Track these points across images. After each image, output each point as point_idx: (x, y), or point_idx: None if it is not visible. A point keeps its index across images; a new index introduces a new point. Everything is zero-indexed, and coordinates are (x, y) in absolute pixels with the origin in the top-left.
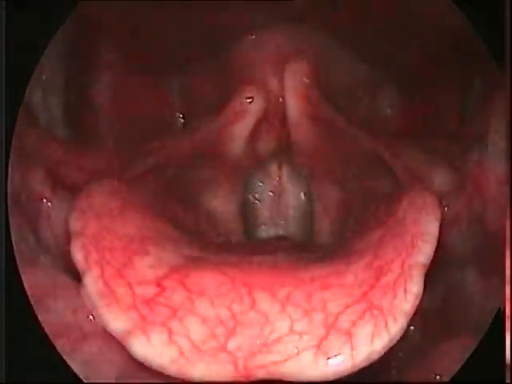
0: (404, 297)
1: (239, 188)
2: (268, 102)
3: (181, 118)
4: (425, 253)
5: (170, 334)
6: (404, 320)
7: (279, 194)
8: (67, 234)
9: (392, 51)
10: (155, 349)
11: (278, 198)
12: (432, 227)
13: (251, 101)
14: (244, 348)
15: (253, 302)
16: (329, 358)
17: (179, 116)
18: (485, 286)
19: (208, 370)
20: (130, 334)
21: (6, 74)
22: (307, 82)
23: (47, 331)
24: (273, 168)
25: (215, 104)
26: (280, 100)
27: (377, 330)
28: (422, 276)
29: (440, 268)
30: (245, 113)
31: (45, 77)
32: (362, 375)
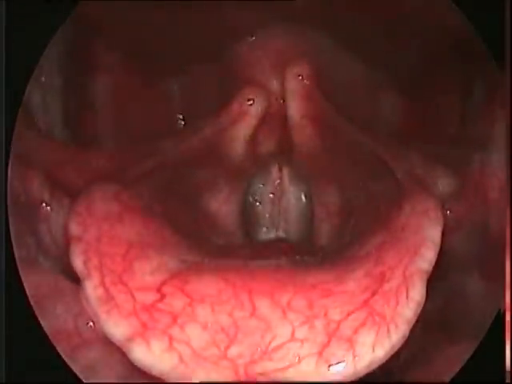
0: (406, 303)
1: (240, 190)
2: (268, 104)
3: (181, 120)
4: (427, 259)
5: (171, 341)
6: (406, 327)
7: (280, 196)
8: (66, 239)
9: (392, 52)
10: (155, 356)
11: (279, 200)
12: (434, 233)
13: (252, 103)
14: (245, 355)
15: (254, 309)
16: (330, 366)
17: (179, 118)
18: (487, 291)
19: (208, 377)
20: (130, 341)
21: (6, 74)
22: (308, 84)
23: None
24: (273, 170)
25: (215, 105)
26: (281, 102)
27: (378, 338)
28: (424, 282)
29: (442, 273)
30: (245, 115)
31: (43, 78)
32: (363, 380)
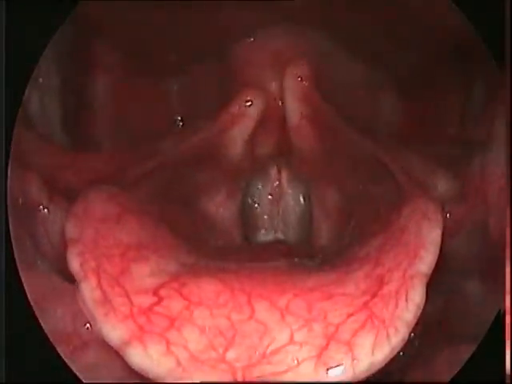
0: (405, 307)
1: (238, 191)
2: (267, 105)
3: (179, 121)
4: (427, 262)
5: (168, 344)
6: (405, 330)
7: (278, 198)
8: (64, 241)
9: (392, 52)
10: (152, 359)
11: (278, 202)
12: (434, 236)
13: (250, 104)
14: (243, 358)
15: (252, 312)
16: (329, 369)
17: (178, 119)
18: (487, 293)
19: (206, 381)
20: (127, 344)
21: (6, 74)
22: (307, 85)
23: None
24: (272, 171)
25: (214, 106)
26: (279, 103)
27: (378, 341)
28: (424, 285)
29: (441, 276)
30: (244, 116)
31: (42, 79)
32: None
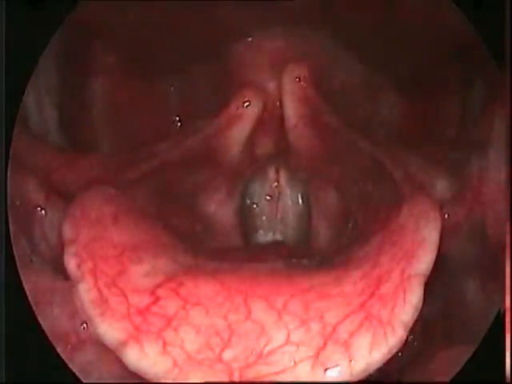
0: (403, 307)
1: (236, 192)
2: (265, 106)
3: (177, 122)
4: (425, 262)
5: (165, 345)
6: (403, 331)
7: (277, 199)
8: (60, 241)
9: (392, 53)
10: (149, 359)
11: (276, 202)
12: (433, 236)
13: (248, 104)
14: (239, 359)
15: (249, 312)
16: (326, 370)
17: (176, 119)
18: (486, 294)
19: (203, 381)
20: (124, 345)
21: (6, 74)
22: (305, 86)
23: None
24: (270, 172)
25: (212, 107)
26: (278, 104)
27: (375, 341)
28: (422, 286)
29: (440, 276)
30: (242, 117)
31: (39, 81)
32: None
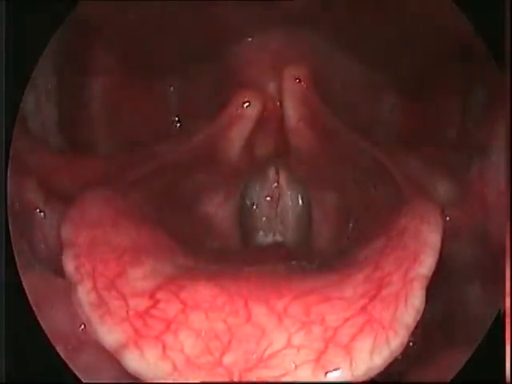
0: (405, 310)
1: (236, 193)
2: (265, 107)
3: (177, 123)
4: (427, 265)
5: (164, 348)
6: (405, 334)
7: (277, 200)
8: (60, 244)
9: (392, 54)
10: (149, 363)
11: (276, 204)
12: (434, 239)
13: (248, 105)
14: (240, 363)
15: (249, 315)
16: (327, 373)
17: (175, 120)
18: (487, 297)
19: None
20: (123, 348)
21: (6, 74)
22: (305, 86)
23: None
24: (270, 173)
25: (212, 107)
26: (277, 104)
27: (377, 344)
28: (424, 289)
29: (441, 279)
30: (242, 117)
31: (38, 81)
32: None
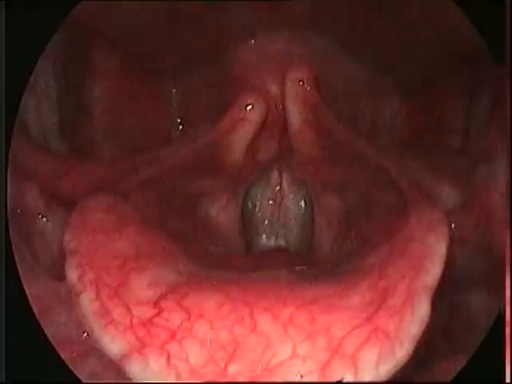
0: (411, 320)
1: (239, 196)
2: (268, 110)
3: (179, 126)
4: (433, 274)
5: (169, 358)
6: (411, 344)
7: (279, 203)
8: (62, 251)
9: (397, 58)
10: (153, 373)
11: (278, 207)
12: (440, 247)
13: (251, 108)
14: (245, 373)
15: (254, 324)
16: None
17: (178, 123)
18: (490, 305)
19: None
20: (127, 357)
21: (6, 74)
22: (308, 89)
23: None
24: (273, 176)
25: (215, 111)
26: (280, 107)
27: (382, 355)
28: (430, 298)
29: (446, 286)
30: (244, 121)
31: (39, 87)
32: None
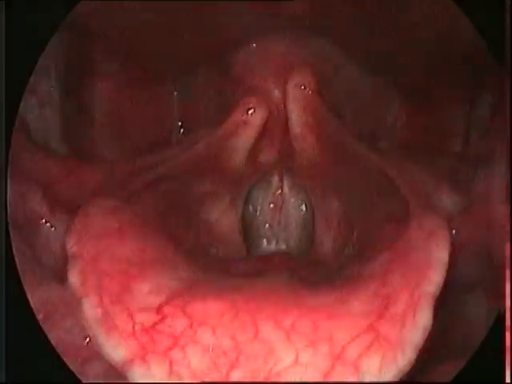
0: (413, 328)
1: (240, 199)
2: (270, 113)
3: (181, 130)
4: (435, 282)
5: (171, 364)
6: (413, 352)
7: (280, 207)
8: (65, 257)
9: (398, 62)
10: (155, 379)
11: (279, 211)
12: (442, 254)
13: (253, 112)
14: (247, 379)
15: (256, 331)
16: None
17: (179, 127)
18: (490, 311)
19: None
20: (130, 364)
21: (6, 74)
22: (310, 93)
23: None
24: (274, 180)
25: (216, 114)
26: (282, 110)
27: (384, 363)
28: (432, 306)
29: (446, 291)
30: (246, 124)
31: (39, 88)
32: None
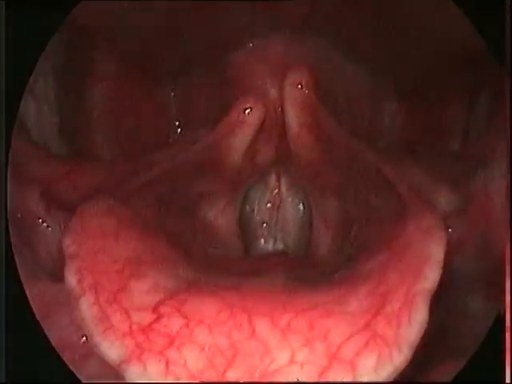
0: (409, 326)
1: (237, 199)
2: (267, 113)
3: (178, 130)
4: (431, 280)
5: (167, 364)
6: (409, 350)
7: (277, 206)
8: (61, 256)
9: (396, 62)
10: (151, 378)
11: (277, 210)
12: (438, 254)
13: (249, 111)
14: (243, 378)
15: (252, 330)
16: None
17: (176, 126)
18: (489, 310)
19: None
20: (126, 363)
21: (6, 74)
22: (307, 93)
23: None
24: (271, 179)
25: (213, 114)
26: (279, 110)
27: (381, 361)
28: (427, 304)
29: (443, 290)
30: (243, 124)
31: (38, 87)
32: None
